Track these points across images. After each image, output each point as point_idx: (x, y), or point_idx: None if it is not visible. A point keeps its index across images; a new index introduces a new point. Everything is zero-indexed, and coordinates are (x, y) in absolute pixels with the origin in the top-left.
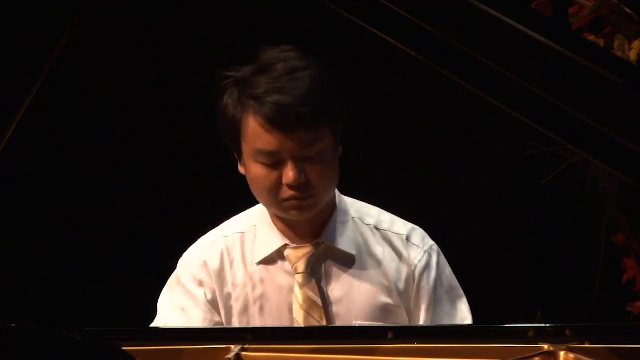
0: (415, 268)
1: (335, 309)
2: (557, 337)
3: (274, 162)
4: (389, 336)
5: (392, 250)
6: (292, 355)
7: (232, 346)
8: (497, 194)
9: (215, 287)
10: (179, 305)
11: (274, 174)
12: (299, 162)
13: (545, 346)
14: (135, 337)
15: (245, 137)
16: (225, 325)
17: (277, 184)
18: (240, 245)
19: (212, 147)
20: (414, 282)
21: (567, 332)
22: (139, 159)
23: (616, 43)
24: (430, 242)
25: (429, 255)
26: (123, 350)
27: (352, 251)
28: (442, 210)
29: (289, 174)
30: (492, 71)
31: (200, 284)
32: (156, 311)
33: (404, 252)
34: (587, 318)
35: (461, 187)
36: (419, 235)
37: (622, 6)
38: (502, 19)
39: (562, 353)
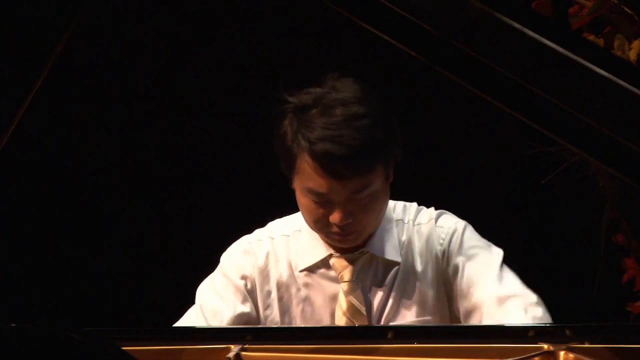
0: (443, 247)
1: (377, 316)
2: (557, 337)
3: (324, 201)
4: (389, 336)
5: (424, 238)
6: (292, 355)
7: (232, 346)
8: (497, 194)
9: (257, 282)
10: (217, 290)
11: (322, 210)
12: (348, 205)
13: (545, 346)
14: (135, 337)
15: (298, 171)
16: (261, 322)
17: (324, 219)
18: (286, 248)
19: (217, 151)
20: (444, 259)
21: (567, 332)
22: (142, 159)
23: (616, 43)
24: (456, 219)
25: (454, 230)
26: (123, 350)
27: (397, 258)
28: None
29: (336, 215)
30: (492, 71)
31: (244, 277)
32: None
33: (432, 235)
34: (587, 318)
35: (461, 187)
36: (446, 217)
37: (622, 6)
38: (501, 19)
39: (562, 353)
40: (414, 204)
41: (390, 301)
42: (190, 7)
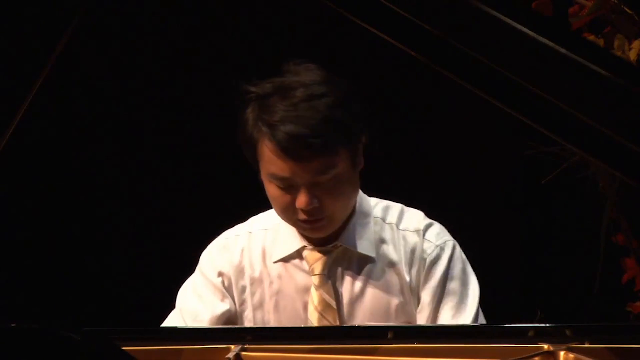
0: (426, 262)
1: (349, 311)
2: (557, 337)
3: (288, 185)
4: (389, 336)
5: (409, 248)
6: (292, 355)
7: (232, 346)
8: (497, 194)
9: (233, 278)
10: (196, 291)
11: (288, 196)
12: (313, 188)
13: (545, 346)
14: (135, 337)
15: (260, 158)
16: (238, 318)
17: (291, 206)
18: (262, 242)
19: (217, 150)
20: (423, 274)
21: (567, 332)
22: (143, 159)
23: (616, 43)
24: (446, 237)
25: (441, 250)
26: (123, 350)
27: (371, 253)
28: (441, 210)
29: (301, 199)
30: (492, 71)
31: (220, 274)
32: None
33: (419, 248)
34: (587, 318)
35: (461, 187)
36: (435, 230)
37: (622, 6)
38: (502, 19)
39: (562, 353)
40: (398, 205)
41: (363, 297)
42: (190, 6)
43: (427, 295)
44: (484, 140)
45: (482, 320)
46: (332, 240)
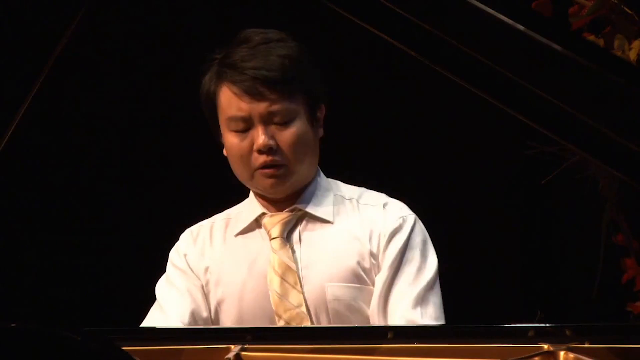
0: (387, 232)
1: (307, 272)
2: (557, 337)
3: (246, 128)
4: (389, 336)
5: (370, 219)
6: (292, 355)
7: (232, 346)
8: (497, 194)
9: (197, 261)
10: (171, 283)
11: (246, 141)
12: (269, 127)
13: (545, 346)
14: (135, 337)
15: (220, 108)
16: (207, 297)
17: (249, 151)
18: (224, 226)
19: (218, 152)
20: (384, 243)
21: (567, 332)
22: (141, 160)
23: (616, 43)
24: (408, 211)
25: (403, 221)
26: (123, 350)
27: (329, 217)
28: (441, 210)
29: (258, 138)
30: (492, 71)
31: (186, 258)
32: None
33: (380, 219)
34: (587, 318)
35: (461, 187)
36: (397, 205)
37: (622, 6)
38: (502, 19)
39: (562, 353)
40: (362, 188)
41: (321, 260)
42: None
43: (386, 262)
44: (484, 140)
45: (438, 297)
46: (291, 204)
